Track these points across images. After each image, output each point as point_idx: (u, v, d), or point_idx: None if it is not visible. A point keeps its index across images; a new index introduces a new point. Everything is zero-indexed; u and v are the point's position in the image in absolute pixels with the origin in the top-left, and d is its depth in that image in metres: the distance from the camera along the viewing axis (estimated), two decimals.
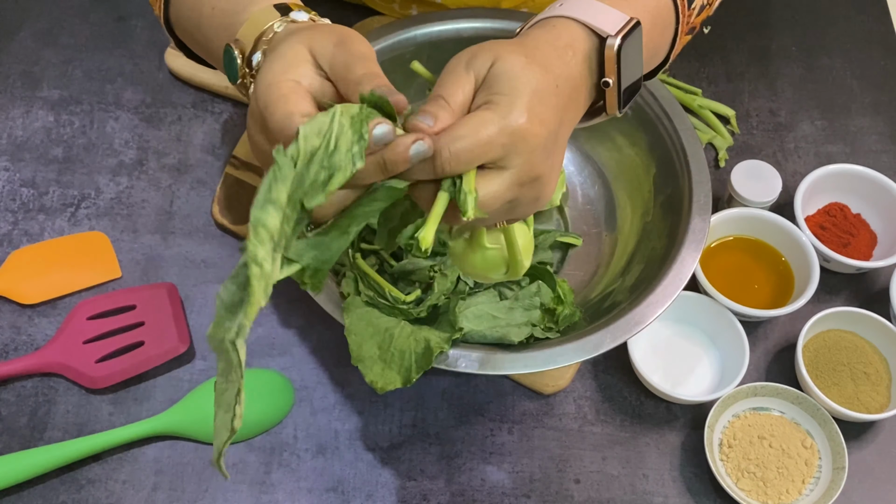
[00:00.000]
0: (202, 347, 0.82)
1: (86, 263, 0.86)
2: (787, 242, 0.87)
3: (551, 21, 0.60)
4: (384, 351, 0.68)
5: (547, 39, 0.58)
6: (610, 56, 0.60)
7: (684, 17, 0.67)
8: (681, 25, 0.68)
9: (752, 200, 0.88)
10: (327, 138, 0.49)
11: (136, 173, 0.92)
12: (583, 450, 0.79)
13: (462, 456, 0.78)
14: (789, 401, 0.80)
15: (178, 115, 0.96)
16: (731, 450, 0.78)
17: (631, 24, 0.60)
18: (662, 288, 0.71)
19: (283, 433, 0.79)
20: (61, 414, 0.78)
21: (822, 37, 1.07)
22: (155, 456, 0.77)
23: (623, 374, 0.83)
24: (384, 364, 0.68)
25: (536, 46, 0.57)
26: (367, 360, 0.68)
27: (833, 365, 0.82)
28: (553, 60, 0.57)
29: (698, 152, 0.79)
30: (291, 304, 0.84)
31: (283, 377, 0.81)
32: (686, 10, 0.67)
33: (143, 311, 0.82)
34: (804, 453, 0.78)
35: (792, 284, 0.86)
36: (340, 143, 0.49)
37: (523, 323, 0.72)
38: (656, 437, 0.80)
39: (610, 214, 0.86)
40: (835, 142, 0.99)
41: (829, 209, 0.91)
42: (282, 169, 0.48)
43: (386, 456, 0.78)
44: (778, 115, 1.00)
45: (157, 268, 0.86)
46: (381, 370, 0.68)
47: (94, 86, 0.97)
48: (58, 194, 0.90)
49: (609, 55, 0.60)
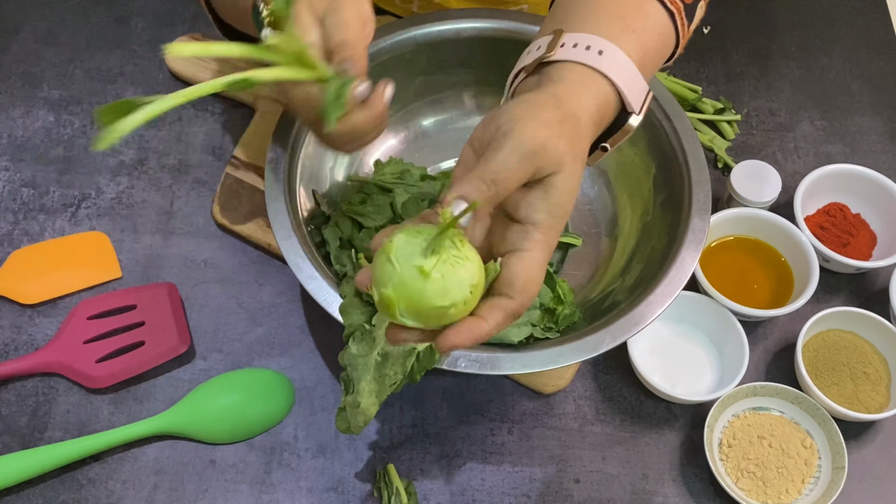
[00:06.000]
0: (202, 347, 0.82)
1: (86, 263, 0.86)
2: (786, 242, 0.87)
3: (594, 78, 0.60)
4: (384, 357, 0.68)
5: (585, 108, 0.59)
6: (627, 130, 0.62)
7: (683, 38, 0.68)
8: (679, 47, 0.68)
9: (751, 200, 0.88)
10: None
11: (136, 173, 0.92)
12: (582, 449, 0.79)
13: (462, 456, 0.78)
14: (789, 400, 0.80)
15: (179, 115, 0.96)
16: (731, 449, 0.78)
17: (650, 98, 0.63)
18: (662, 288, 0.71)
19: (283, 433, 0.79)
20: (61, 414, 0.78)
21: (822, 37, 1.07)
22: (155, 456, 0.77)
23: (623, 373, 0.83)
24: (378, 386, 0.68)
25: (577, 126, 0.58)
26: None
27: (833, 365, 0.82)
28: (584, 134, 0.58)
29: (698, 152, 0.79)
30: (291, 304, 0.85)
31: (283, 377, 0.81)
32: (686, 30, 0.68)
33: (143, 311, 0.82)
34: (804, 453, 0.78)
35: (791, 284, 0.86)
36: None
37: (522, 323, 0.72)
38: (656, 437, 0.80)
39: (610, 215, 0.86)
40: (834, 142, 0.99)
41: (829, 209, 0.91)
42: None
43: (386, 456, 0.78)
44: (778, 115, 1.00)
45: (157, 268, 0.86)
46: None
47: (94, 86, 0.97)
48: (58, 194, 0.90)
49: (626, 129, 0.62)
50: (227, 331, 0.83)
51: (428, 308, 0.52)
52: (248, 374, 0.80)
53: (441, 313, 0.52)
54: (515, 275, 0.54)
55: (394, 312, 0.53)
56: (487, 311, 0.54)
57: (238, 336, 0.83)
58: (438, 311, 0.52)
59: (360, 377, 0.68)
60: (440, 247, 0.52)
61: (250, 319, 0.84)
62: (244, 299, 0.85)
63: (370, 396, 0.68)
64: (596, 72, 0.60)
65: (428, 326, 0.54)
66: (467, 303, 0.53)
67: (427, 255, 0.52)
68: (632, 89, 0.61)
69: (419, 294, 0.52)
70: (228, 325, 0.83)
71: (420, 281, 0.52)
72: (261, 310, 0.84)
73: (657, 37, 0.65)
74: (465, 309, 0.53)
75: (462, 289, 0.52)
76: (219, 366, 0.81)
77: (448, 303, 0.52)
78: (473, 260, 0.53)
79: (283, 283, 0.86)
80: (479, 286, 0.54)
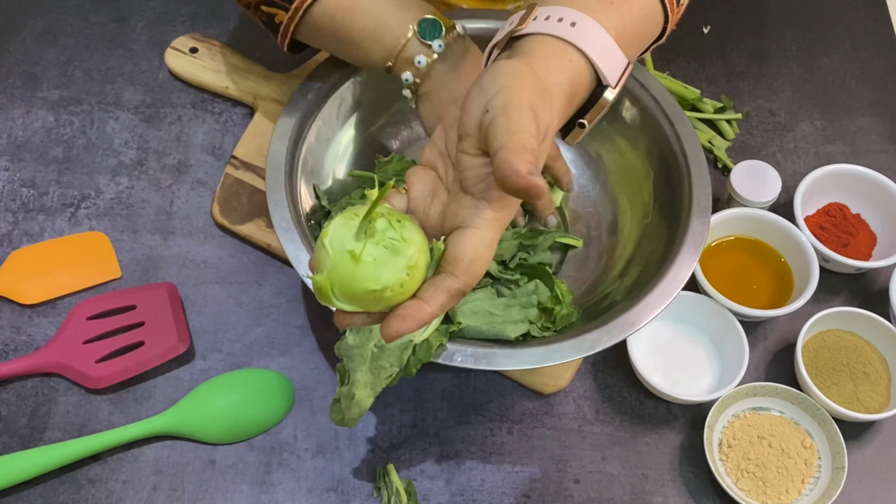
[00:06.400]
0: (202, 347, 0.82)
1: (86, 263, 0.86)
2: (786, 242, 0.87)
3: (565, 50, 0.58)
4: (380, 349, 0.68)
5: (557, 80, 0.57)
6: (602, 104, 0.60)
7: (673, 14, 0.67)
8: (670, 23, 0.67)
9: (751, 200, 0.88)
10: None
11: (136, 173, 0.92)
12: (582, 450, 0.79)
13: (462, 456, 0.78)
14: (789, 401, 0.80)
15: (178, 115, 0.96)
16: (731, 450, 0.78)
17: (629, 72, 0.61)
18: (660, 289, 0.72)
19: (283, 433, 0.79)
20: (61, 414, 0.78)
21: (822, 37, 1.07)
22: (155, 456, 0.77)
23: (623, 373, 0.83)
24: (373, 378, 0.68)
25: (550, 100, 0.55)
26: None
27: (832, 365, 0.82)
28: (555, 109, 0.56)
29: (699, 155, 0.79)
30: (292, 304, 0.84)
31: (283, 377, 0.81)
32: (675, 6, 0.67)
33: (143, 311, 0.82)
34: (804, 453, 0.78)
35: (791, 284, 0.86)
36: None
37: (520, 319, 0.72)
38: (656, 437, 0.80)
39: (610, 216, 0.86)
40: (834, 142, 0.99)
41: (829, 209, 0.91)
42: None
43: (386, 456, 0.78)
44: (777, 115, 1.00)
45: (157, 268, 0.86)
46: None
47: (94, 86, 0.97)
48: (58, 194, 0.90)
49: (602, 104, 0.60)
50: (227, 331, 0.83)
51: (361, 292, 0.51)
52: (247, 374, 0.80)
53: (376, 297, 0.51)
54: (462, 252, 0.52)
55: (328, 297, 0.52)
56: (430, 293, 0.52)
57: (238, 336, 0.83)
58: (373, 295, 0.51)
59: (356, 368, 0.68)
60: (372, 229, 0.51)
61: (250, 319, 0.84)
62: (244, 299, 0.85)
63: (365, 388, 0.68)
64: (568, 44, 0.58)
65: (367, 310, 0.53)
66: (404, 285, 0.52)
67: (360, 237, 0.51)
68: (607, 62, 0.59)
69: (350, 278, 0.51)
70: (228, 325, 0.83)
71: (351, 265, 0.51)
72: (260, 310, 0.84)
73: (639, 10, 0.63)
74: (404, 291, 0.52)
75: (397, 272, 0.51)
76: (218, 366, 0.81)
77: (380, 286, 0.51)
78: (412, 241, 0.52)
79: (282, 282, 0.86)
80: (419, 267, 0.52)
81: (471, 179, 0.54)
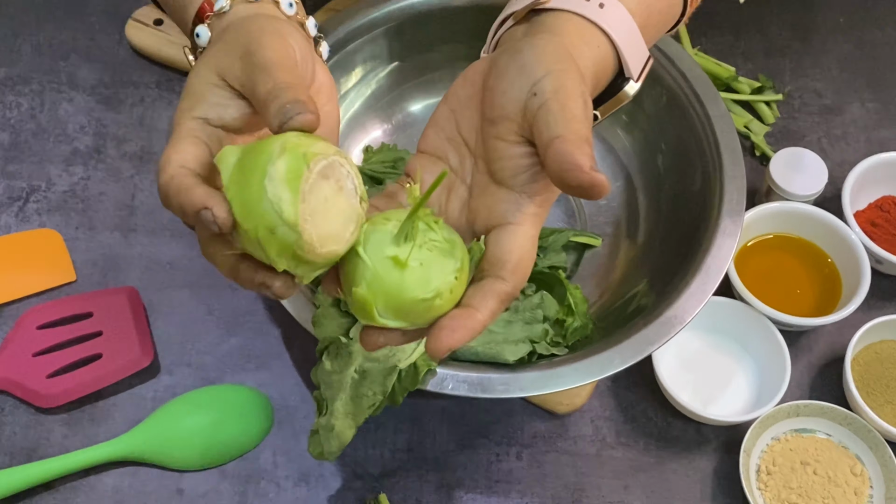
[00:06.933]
0: (168, 360, 0.82)
1: (35, 265, 0.86)
2: (833, 241, 0.87)
3: (593, 33, 0.58)
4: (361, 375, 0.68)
5: (585, 66, 0.57)
6: (621, 99, 0.61)
7: (691, 5, 0.67)
8: (685, 15, 0.68)
9: (793, 193, 0.88)
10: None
11: (92, 162, 0.92)
12: (601, 477, 0.79)
13: (464, 485, 0.78)
14: (836, 421, 0.80)
15: (141, 96, 0.96)
16: (771, 477, 0.78)
17: (650, 66, 0.62)
18: (684, 300, 0.71)
19: (260, 458, 0.79)
20: (7, 436, 0.78)
21: (874, 7, 1.07)
22: (114, 484, 0.77)
23: (647, 391, 0.83)
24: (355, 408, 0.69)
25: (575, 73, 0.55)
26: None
27: (886, 381, 0.82)
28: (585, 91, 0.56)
29: (733, 142, 0.79)
30: (270, 311, 0.85)
31: (260, 394, 0.81)
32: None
33: (100, 320, 0.82)
34: (853, 481, 0.78)
35: (839, 289, 0.86)
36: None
37: (521, 339, 0.72)
38: (685, 463, 0.80)
39: (631, 212, 0.86)
40: (889, 126, 0.99)
41: (882, 203, 0.91)
42: None
43: (377, 485, 0.78)
44: (824, 97, 1.00)
45: (116, 270, 0.86)
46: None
47: (44, 63, 0.97)
48: (3, 186, 0.90)
49: (621, 97, 0.61)
50: (197, 342, 0.83)
51: (410, 302, 0.51)
52: (220, 390, 0.80)
53: (426, 307, 0.51)
54: (508, 252, 0.52)
55: (371, 313, 0.51)
56: (479, 299, 0.52)
57: (209, 348, 0.83)
58: (423, 305, 0.51)
59: (335, 396, 0.68)
60: (413, 230, 0.51)
61: (223, 329, 0.84)
62: (216, 306, 0.85)
63: (346, 418, 0.68)
64: (596, 27, 0.58)
65: (412, 324, 0.53)
66: (454, 290, 0.51)
67: (400, 242, 0.51)
68: (632, 52, 0.60)
69: (397, 288, 0.50)
70: (198, 335, 0.83)
71: (396, 272, 0.50)
72: (235, 318, 0.84)
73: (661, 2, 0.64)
74: (453, 298, 0.52)
75: (446, 275, 0.51)
76: (186, 381, 0.81)
77: (432, 293, 0.51)
78: (454, 241, 0.52)
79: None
80: (465, 270, 0.52)
81: (508, 170, 0.54)
